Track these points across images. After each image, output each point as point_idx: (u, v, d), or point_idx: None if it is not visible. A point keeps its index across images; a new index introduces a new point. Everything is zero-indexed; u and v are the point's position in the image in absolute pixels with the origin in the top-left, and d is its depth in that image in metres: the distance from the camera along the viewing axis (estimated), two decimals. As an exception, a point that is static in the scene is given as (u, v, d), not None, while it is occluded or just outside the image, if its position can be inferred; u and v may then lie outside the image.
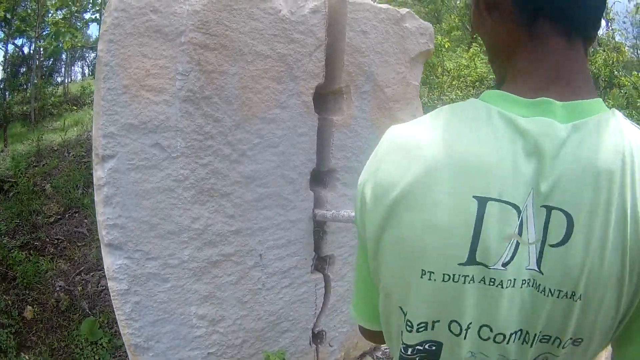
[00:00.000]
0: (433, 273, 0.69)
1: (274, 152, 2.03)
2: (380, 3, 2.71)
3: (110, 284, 1.74)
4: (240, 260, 2.03)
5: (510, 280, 0.67)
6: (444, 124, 0.72)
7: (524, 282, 0.68)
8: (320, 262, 2.41)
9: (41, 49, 12.59)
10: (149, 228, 1.77)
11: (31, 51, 13.81)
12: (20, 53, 14.21)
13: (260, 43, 1.91)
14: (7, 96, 12.55)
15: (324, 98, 2.33)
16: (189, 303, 1.91)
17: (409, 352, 0.78)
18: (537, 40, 0.72)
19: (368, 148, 2.35)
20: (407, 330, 0.75)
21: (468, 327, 0.70)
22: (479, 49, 9.53)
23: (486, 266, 0.67)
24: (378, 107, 2.40)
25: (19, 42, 13.83)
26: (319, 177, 2.34)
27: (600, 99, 0.71)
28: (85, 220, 5.43)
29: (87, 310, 4.29)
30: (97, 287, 4.57)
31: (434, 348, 0.75)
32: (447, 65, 9.31)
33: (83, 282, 4.64)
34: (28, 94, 12.42)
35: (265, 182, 2.03)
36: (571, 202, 0.65)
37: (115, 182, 1.67)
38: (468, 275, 0.68)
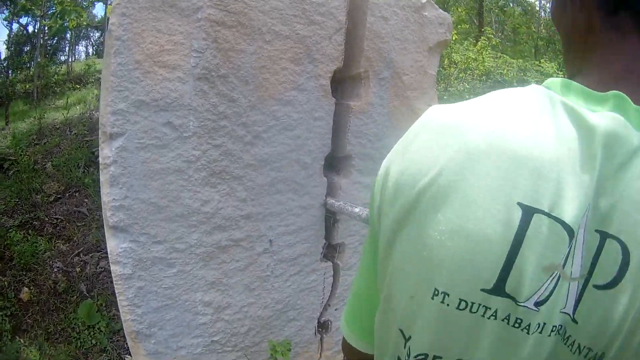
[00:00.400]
0: (447, 295, 0.55)
1: (289, 136, 1.96)
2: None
3: (113, 267, 1.68)
4: (249, 245, 1.97)
5: (540, 324, 0.54)
6: (494, 108, 0.59)
7: (553, 328, 0.54)
8: (330, 250, 2.35)
9: (46, 28, 12.53)
10: (157, 210, 1.70)
11: (36, 30, 13.79)
12: (25, 32, 14.16)
13: (279, 23, 1.83)
14: (10, 74, 12.53)
15: (342, 83, 2.26)
16: (195, 289, 1.85)
17: None
18: (616, 34, 0.61)
19: (384, 136, 2.29)
20: None
21: None
22: (487, 43, 9.49)
23: (515, 301, 0.53)
24: (395, 95, 2.33)
25: (23, 20, 13.80)
26: (333, 163, 2.28)
27: None
28: (86, 200, 5.37)
29: (85, 293, 4.24)
30: (96, 268, 4.51)
31: None
32: (455, 57, 9.26)
33: (81, 263, 4.59)
34: (31, 73, 12.40)
35: (278, 165, 1.96)
36: (632, 231, 0.51)
37: (123, 162, 1.60)
38: (490, 308, 0.54)
